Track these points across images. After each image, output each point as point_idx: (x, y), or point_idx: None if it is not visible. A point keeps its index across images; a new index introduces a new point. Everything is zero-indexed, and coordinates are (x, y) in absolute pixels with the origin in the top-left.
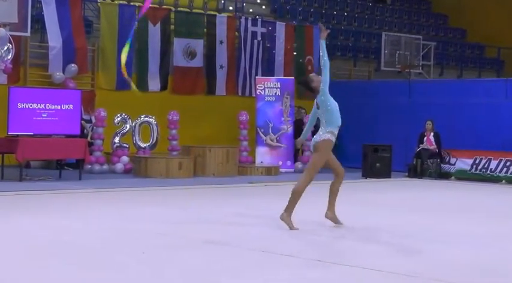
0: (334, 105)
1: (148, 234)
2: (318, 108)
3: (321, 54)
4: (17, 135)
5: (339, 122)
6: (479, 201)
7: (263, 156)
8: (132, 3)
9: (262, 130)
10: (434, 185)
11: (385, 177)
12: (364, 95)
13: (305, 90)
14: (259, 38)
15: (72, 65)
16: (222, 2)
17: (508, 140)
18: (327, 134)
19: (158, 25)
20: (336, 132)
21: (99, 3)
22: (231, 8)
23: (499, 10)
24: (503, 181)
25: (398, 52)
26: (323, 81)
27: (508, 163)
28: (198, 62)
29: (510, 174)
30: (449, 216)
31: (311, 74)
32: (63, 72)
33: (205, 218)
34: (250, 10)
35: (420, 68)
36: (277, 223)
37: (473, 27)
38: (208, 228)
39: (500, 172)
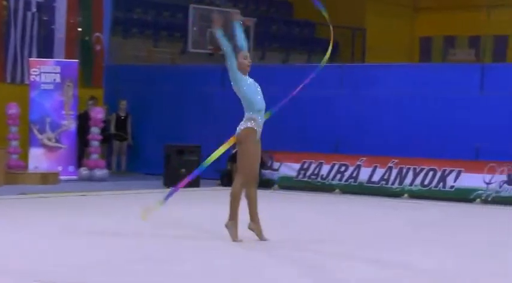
0: (248, 88)
1: None
2: None
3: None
4: None
5: (258, 106)
6: (308, 216)
7: (38, 159)
8: None
9: (37, 127)
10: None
11: (193, 186)
12: (167, 83)
13: None
14: (34, 9)
15: None
16: None
17: (343, 139)
18: (247, 121)
19: None
20: (259, 118)
21: None
22: None
23: None
24: (337, 190)
25: (209, 30)
26: (230, 68)
27: (343, 169)
28: None
29: (345, 181)
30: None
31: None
32: None
33: None
34: None
35: None
36: (61, 245)
37: (301, 1)
38: None
39: (333, 179)
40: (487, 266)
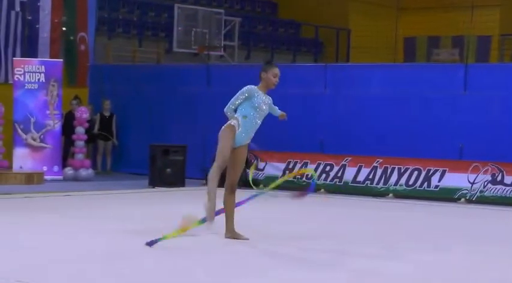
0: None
1: None
2: None
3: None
4: None
5: (245, 112)
6: (294, 216)
7: (23, 159)
8: None
9: (21, 126)
10: (237, 196)
11: (178, 186)
12: (152, 83)
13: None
14: (17, 9)
15: None
16: None
17: (328, 139)
18: (231, 119)
19: None
20: (240, 119)
21: None
22: None
23: None
24: (322, 190)
25: (194, 29)
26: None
27: (328, 168)
28: None
29: (330, 181)
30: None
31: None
32: None
33: None
34: None
35: (222, 49)
36: (43, 245)
37: (286, 1)
38: None
39: (318, 179)
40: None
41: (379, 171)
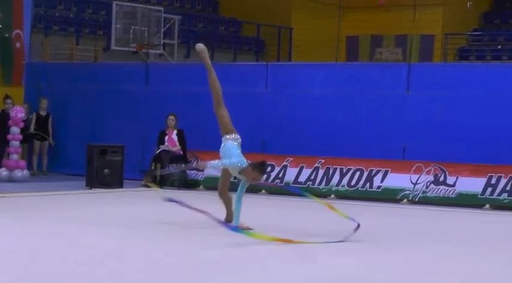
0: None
1: None
2: None
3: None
4: None
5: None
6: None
7: None
8: None
9: None
10: (178, 197)
11: (116, 187)
12: (89, 81)
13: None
14: None
15: None
16: None
17: (269, 139)
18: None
19: None
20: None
21: None
22: None
23: None
24: (263, 191)
25: (133, 27)
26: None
27: (269, 169)
28: None
29: (271, 182)
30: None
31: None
32: None
33: None
34: None
35: (161, 47)
36: None
37: None
38: None
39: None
40: None
41: (320, 172)
